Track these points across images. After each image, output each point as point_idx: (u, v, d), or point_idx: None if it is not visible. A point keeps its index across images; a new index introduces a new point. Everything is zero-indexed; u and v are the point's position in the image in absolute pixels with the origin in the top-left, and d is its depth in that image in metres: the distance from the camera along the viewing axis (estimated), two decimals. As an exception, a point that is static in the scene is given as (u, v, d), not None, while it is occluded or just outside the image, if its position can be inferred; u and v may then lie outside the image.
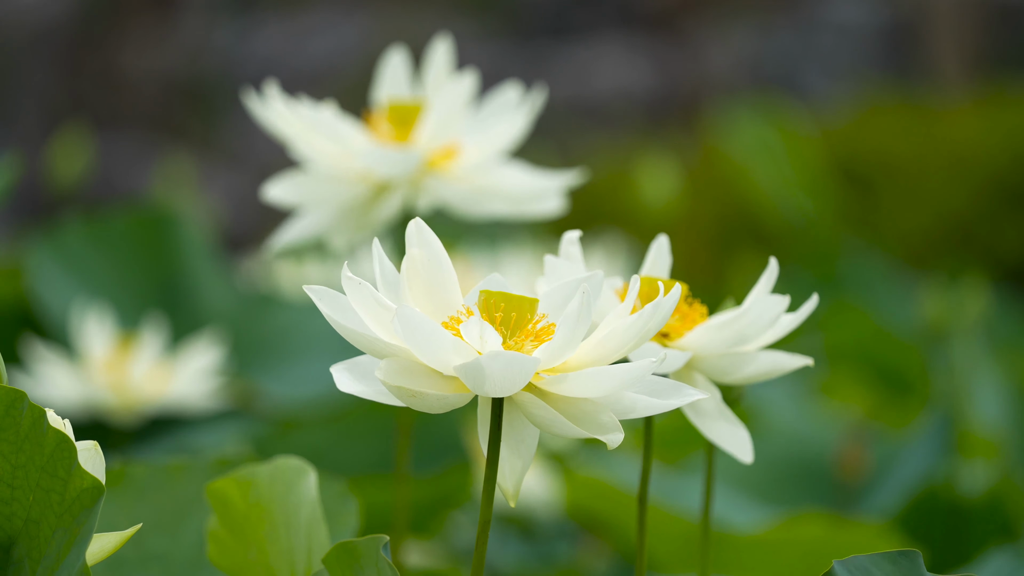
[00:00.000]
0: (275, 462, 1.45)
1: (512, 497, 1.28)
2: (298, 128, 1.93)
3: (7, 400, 1.22)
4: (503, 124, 1.94)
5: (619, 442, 1.23)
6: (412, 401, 1.22)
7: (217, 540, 1.46)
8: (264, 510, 1.44)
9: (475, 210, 1.95)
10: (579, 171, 1.96)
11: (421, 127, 1.93)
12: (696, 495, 2.61)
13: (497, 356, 1.17)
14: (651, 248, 1.42)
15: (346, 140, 1.92)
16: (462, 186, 1.94)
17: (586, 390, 1.21)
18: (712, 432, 1.40)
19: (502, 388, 1.20)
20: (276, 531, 1.44)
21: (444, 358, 1.20)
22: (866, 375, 3.87)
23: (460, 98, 1.91)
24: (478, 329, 1.20)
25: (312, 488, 1.44)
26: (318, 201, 1.94)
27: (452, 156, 1.95)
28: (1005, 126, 6.09)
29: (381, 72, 2.01)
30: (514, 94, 1.98)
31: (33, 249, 3.21)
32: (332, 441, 2.78)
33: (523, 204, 1.95)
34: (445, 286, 1.27)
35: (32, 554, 1.23)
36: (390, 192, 1.94)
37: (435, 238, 1.27)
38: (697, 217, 6.29)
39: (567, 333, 1.20)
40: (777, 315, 1.36)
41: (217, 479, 1.45)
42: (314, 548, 1.43)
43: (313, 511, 1.44)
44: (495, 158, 1.95)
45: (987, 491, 2.66)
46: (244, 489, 1.44)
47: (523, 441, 1.28)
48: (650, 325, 1.22)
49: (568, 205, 1.96)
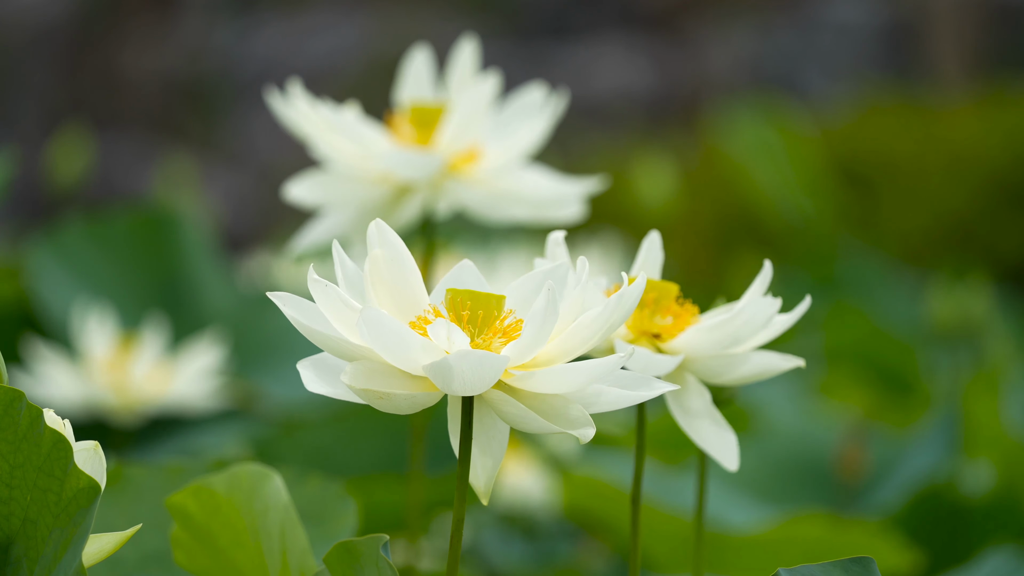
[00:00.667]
0: (232, 469, 1.44)
1: (484, 495, 1.28)
2: (320, 128, 1.93)
3: (5, 400, 1.22)
4: (525, 128, 1.93)
5: (591, 436, 1.22)
6: (380, 403, 1.21)
7: (181, 545, 1.45)
8: (224, 519, 1.43)
9: (495, 214, 1.94)
10: (599, 178, 1.95)
11: (443, 129, 1.93)
12: (694, 495, 2.61)
13: (466, 355, 1.17)
14: (643, 245, 1.41)
15: (367, 142, 1.91)
16: (483, 190, 1.94)
17: (555, 386, 1.21)
18: (699, 436, 1.39)
19: (471, 387, 1.19)
20: (241, 537, 1.43)
21: (412, 358, 1.20)
22: (865, 375, 3.87)
23: (483, 100, 1.90)
24: (445, 330, 1.19)
25: (279, 492, 1.43)
26: (339, 202, 1.94)
27: (473, 159, 1.94)
28: (1005, 126, 6.09)
29: (404, 72, 2.01)
30: (537, 95, 1.97)
31: (33, 249, 3.21)
32: (333, 442, 2.78)
33: (543, 209, 1.94)
34: (409, 286, 1.26)
35: (30, 554, 1.23)
36: (411, 194, 1.94)
37: (397, 238, 1.26)
38: (697, 217, 6.29)
39: (535, 330, 1.19)
40: (770, 317, 1.36)
41: (174, 492, 1.45)
42: (291, 551, 1.42)
43: (285, 515, 1.42)
44: (516, 162, 1.94)
45: (993, 491, 2.66)
46: (202, 500, 1.43)
47: (494, 439, 1.27)
48: (615, 316, 1.22)
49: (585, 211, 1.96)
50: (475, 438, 1.27)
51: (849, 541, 2.33)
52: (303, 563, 1.42)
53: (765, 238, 6.04)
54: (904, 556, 2.33)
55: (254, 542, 1.43)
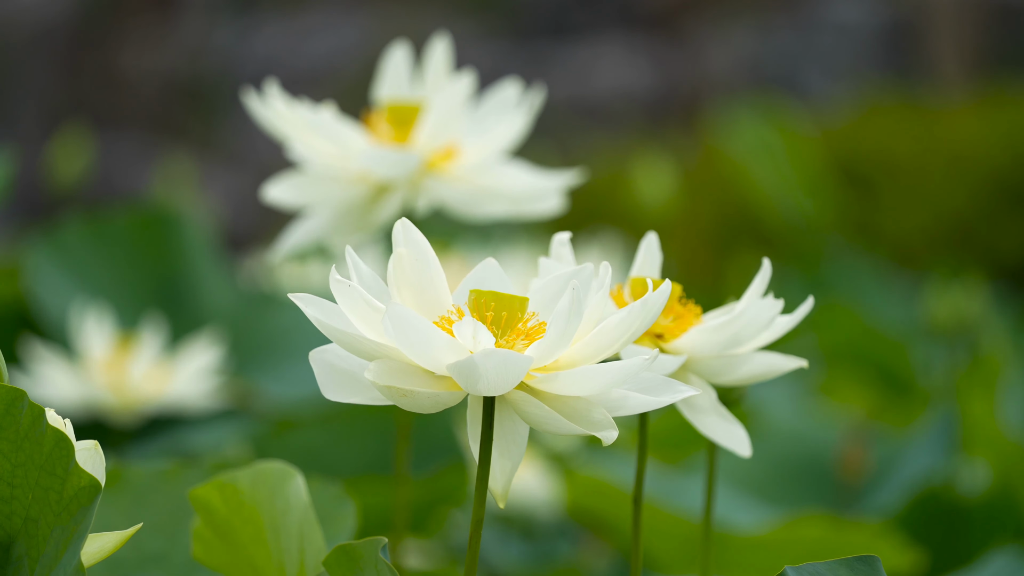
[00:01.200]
0: (257, 466, 1.44)
1: (501, 498, 1.27)
2: (297, 128, 1.93)
3: (7, 399, 1.22)
4: (502, 124, 1.94)
5: (614, 438, 1.22)
6: (403, 401, 1.20)
7: (202, 540, 1.46)
8: (247, 514, 1.44)
9: (474, 210, 1.95)
10: (578, 171, 1.96)
11: (420, 127, 1.93)
12: (697, 495, 2.61)
13: (491, 354, 1.16)
14: (641, 246, 1.41)
15: (345, 141, 1.91)
16: (461, 186, 1.94)
17: (578, 388, 1.21)
18: (708, 429, 1.40)
19: (495, 387, 1.19)
20: (262, 534, 1.44)
21: (436, 357, 1.19)
22: (864, 375, 3.87)
23: (459, 98, 1.91)
24: (471, 329, 1.19)
25: (300, 492, 1.43)
26: (317, 202, 1.94)
27: (451, 156, 1.95)
28: (1004, 126, 6.09)
29: (383, 68, 2.01)
30: (512, 92, 1.97)
31: (32, 249, 3.21)
32: (328, 441, 2.77)
33: (523, 204, 1.94)
34: (434, 285, 1.26)
35: (31, 552, 1.23)
36: (390, 193, 1.94)
37: (422, 237, 1.26)
38: (696, 217, 6.29)
39: (559, 330, 1.19)
40: (772, 317, 1.36)
41: (201, 485, 1.45)
42: (308, 552, 1.43)
43: (304, 515, 1.43)
44: (494, 158, 1.94)
45: (990, 491, 2.66)
46: (226, 494, 1.44)
47: (513, 441, 1.26)
48: (639, 321, 1.22)
49: (567, 205, 1.96)
50: (495, 440, 1.26)
51: (850, 542, 2.33)
52: (319, 564, 1.42)
53: (765, 238, 6.04)
54: (905, 556, 2.33)
55: (274, 540, 1.43)
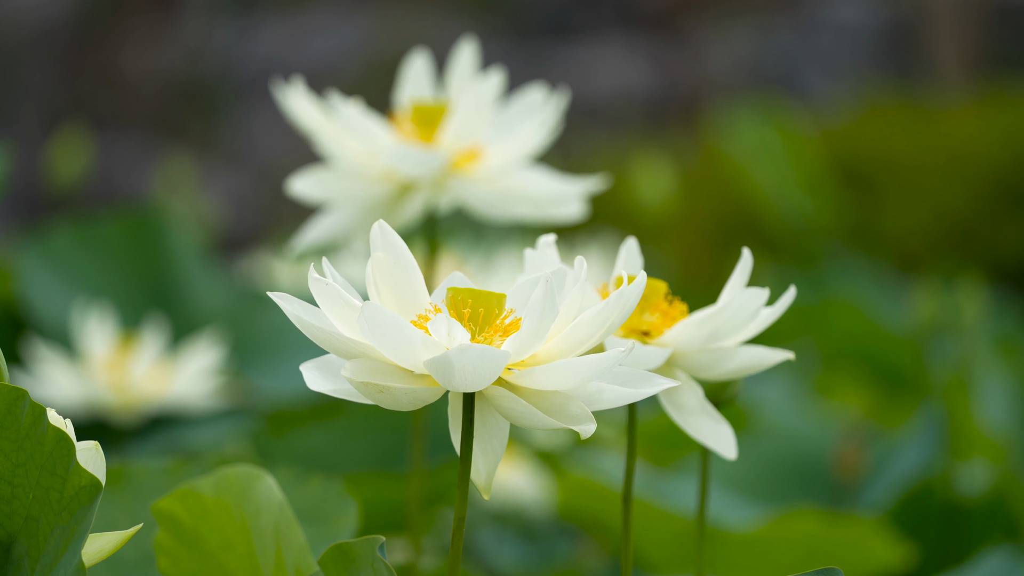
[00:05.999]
0: (219, 472, 1.44)
1: (485, 490, 1.28)
2: (324, 124, 1.93)
3: (9, 398, 1.22)
4: (527, 128, 1.94)
5: (591, 432, 1.23)
6: (380, 398, 1.21)
7: (167, 552, 1.44)
8: (214, 521, 1.43)
9: (497, 212, 1.95)
10: (600, 177, 1.96)
11: (445, 128, 1.93)
12: (690, 496, 2.61)
13: (466, 350, 1.17)
14: (620, 251, 1.42)
15: (371, 137, 1.92)
16: (485, 188, 1.94)
17: (555, 382, 1.21)
18: (694, 429, 1.40)
19: (472, 382, 1.20)
20: (232, 539, 1.43)
21: (412, 354, 1.20)
22: (862, 373, 3.87)
23: (485, 99, 1.91)
24: (446, 326, 1.20)
25: (271, 492, 1.43)
26: (341, 198, 1.94)
27: (475, 158, 1.95)
28: (1004, 126, 6.09)
29: (403, 75, 2.01)
30: (539, 96, 1.98)
31: (22, 252, 3.21)
32: (331, 439, 2.78)
33: (545, 208, 1.95)
34: (411, 287, 1.27)
35: (32, 552, 1.23)
36: (413, 192, 1.94)
37: (400, 240, 1.27)
38: (696, 217, 6.30)
39: (534, 323, 1.20)
40: (756, 309, 1.36)
41: (161, 498, 1.44)
42: (286, 551, 1.42)
43: (280, 514, 1.42)
44: (519, 161, 1.95)
45: (986, 490, 2.67)
46: (189, 503, 1.43)
47: (495, 435, 1.27)
48: (616, 314, 1.22)
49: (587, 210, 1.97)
50: (476, 435, 1.27)
51: (842, 537, 2.34)
52: (300, 561, 1.42)
53: (764, 238, 6.04)
54: (897, 551, 2.34)
55: (245, 544, 1.42)
